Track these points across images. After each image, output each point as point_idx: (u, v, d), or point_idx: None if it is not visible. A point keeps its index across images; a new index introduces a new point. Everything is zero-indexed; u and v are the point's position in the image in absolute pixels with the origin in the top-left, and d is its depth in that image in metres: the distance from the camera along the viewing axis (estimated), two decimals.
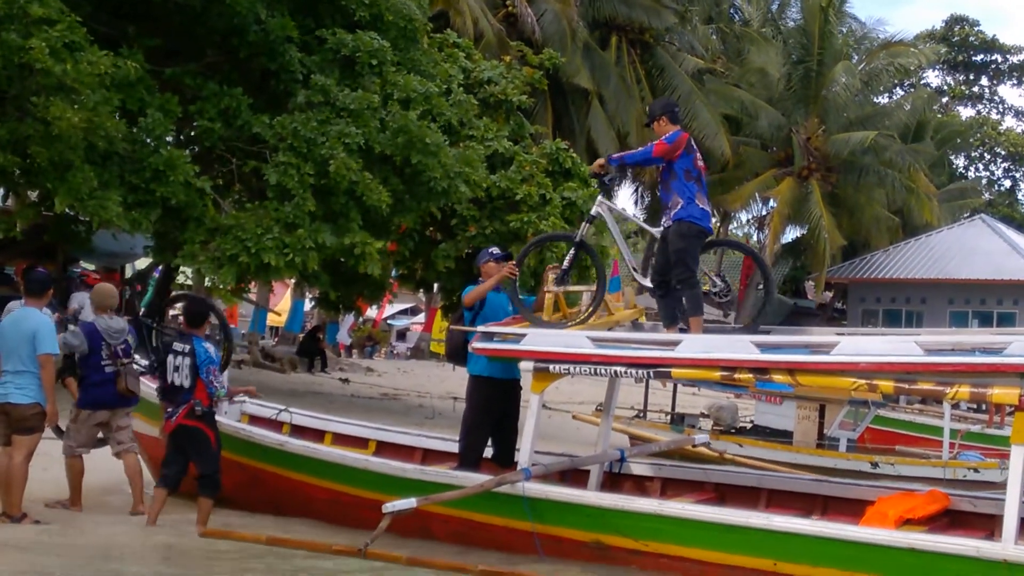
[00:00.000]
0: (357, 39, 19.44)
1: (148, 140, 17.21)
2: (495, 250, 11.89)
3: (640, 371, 10.03)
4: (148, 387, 12.10)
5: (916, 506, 9.93)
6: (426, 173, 18.93)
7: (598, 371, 10.13)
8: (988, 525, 9.94)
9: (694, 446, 15.46)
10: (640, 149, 10.84)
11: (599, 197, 11.58)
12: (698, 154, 10.84)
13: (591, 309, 11.01)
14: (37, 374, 10.48)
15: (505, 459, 11.18)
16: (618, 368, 10.04)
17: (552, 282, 11.29)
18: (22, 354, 10.44)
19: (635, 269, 11.40)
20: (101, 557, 9.70)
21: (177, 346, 10.90)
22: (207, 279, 18.47)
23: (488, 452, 11.52)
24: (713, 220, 11.50)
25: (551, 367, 10.26)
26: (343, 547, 9.90)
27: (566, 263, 11.29)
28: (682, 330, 10.64)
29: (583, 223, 11.50)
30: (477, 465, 11.29)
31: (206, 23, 18.54)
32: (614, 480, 11.68)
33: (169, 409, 10.81)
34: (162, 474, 10.89)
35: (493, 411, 11.45)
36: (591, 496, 10.40)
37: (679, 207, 10.57)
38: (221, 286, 17.68)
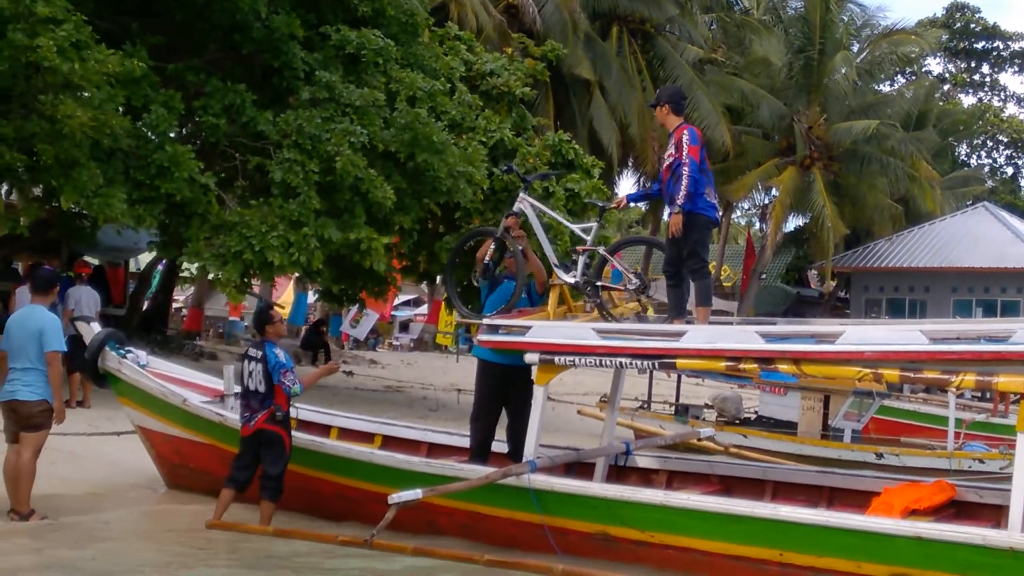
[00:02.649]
0: (362, 36, 19.44)
1: (152, 136, 17.21)
2: None
3: (645, 362, 10.06)
4: (158, 383, 12.16)
5: (922, 497, 9.97)
6: (430, 172, 18.95)
7: (603, 362, 10.17)
8: (994, 516, 9.97)
9: (699, 439, 15.45)
10: (686, 172, 10.41)
11: (521, 193, 11.61)
12: (705, 147, 10.91)
13: (512, 301, 11.21)
14: (44, 371, 10.51)
15: (519, 455, 11.15)
16: (623, 359, 10.07)
17: (479, 276, 11.49)
18: (29, 352, 10.47)
19: (556, 265, 11.31)
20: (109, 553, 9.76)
21: (251, 352, 11.10)
22: (211, 275, 18.46)
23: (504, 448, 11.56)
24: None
25: (556, 359, 10.30)
26: (349, 538, 9.98)
27: (487, 258, 11.43)
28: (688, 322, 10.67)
29: (504, 217, 11.59)
30: (484, 452, 11.36)
31: (208, 19, 18.52)
32: (619, 473, 11.71)
33: (246, 414, 10.92)
34: (232, 476, 10.96)
35: (497, 397, 11.54)
36: (597, 487, 10.42)
37: (688, 199, 10.56)
38: (226, 283, 17.65)
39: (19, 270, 25.04)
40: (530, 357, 10.44)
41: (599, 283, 11.16)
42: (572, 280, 11.09)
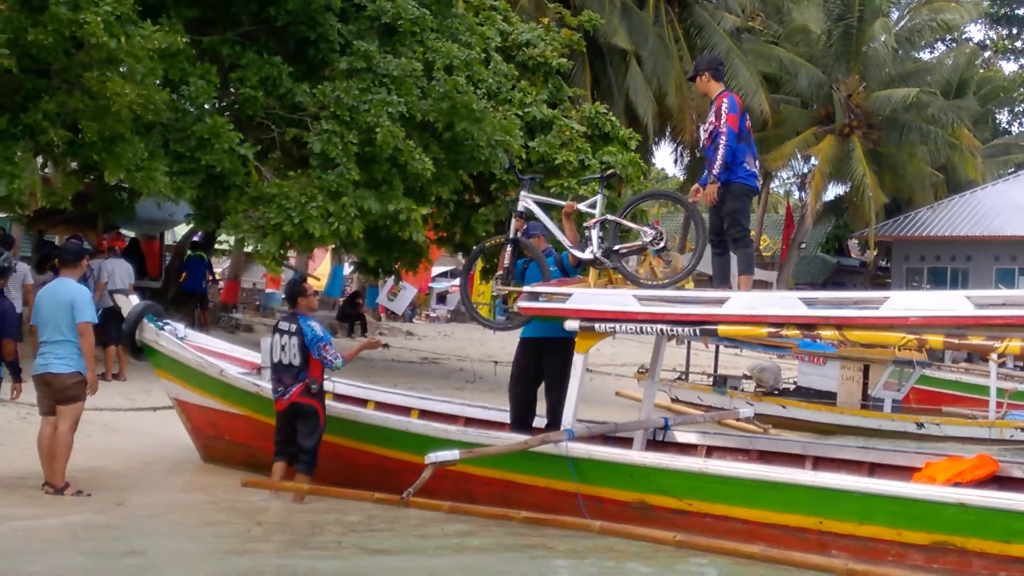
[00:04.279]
0: (397, 6, 19.36)
1: (191, 108, 17.20)
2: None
3: (686, 329, 9.95)
4: (195, 355, 12.15)
5: (964, 471, 9.87)
6: (468, 141, 18.88)
7: (644, 329, 10.07)
8: None
9: (738, 419, 15.35)
10: (723, 142, 10.43)
11: (522, 192, 11.61)
12: (747, 114, 10.80)
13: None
14: (76, 343, 10.52)
15: (556, 426, 11.10)
16: (664, 326, 9.97)
17: (497, 283, 11.53)
18: (60, 324, 10.49)
19: (571, 247, 11.29)
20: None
21: (283, 325, 11.13)
22: (249, 247, 18.45)
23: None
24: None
25: (597, 326, 10.23)
26: (385, 496, 9.97)
27: (506, 261, 11.46)
28: None
29: (511, 219, 11.59)
30: (520, 423, 11.33)
31: None
32: (658, 447, 11.62)
33: (280, 388, 10.95)
34: (280, 449, 11.04)
35: (525, 370, 11.54)
36: (635, 456, 10.38)
37: (727, 168, 10.48)
38: (265, 254, 17.63)
39: (55, 242, 25.12)
40: (570, 324, 10.38)
41: (617, 248, 11.04)
42: (590, 256, 11.03)
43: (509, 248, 11.45)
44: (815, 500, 9.19)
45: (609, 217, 11.28)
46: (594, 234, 11.08)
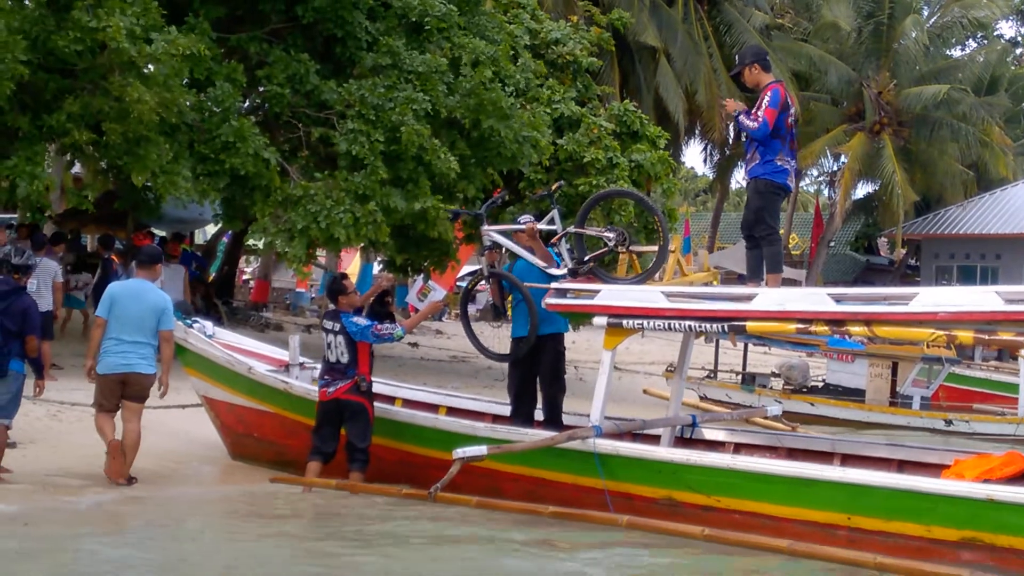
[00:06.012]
0: (424, 3, 19.38)
1: (217, 110, 17.27)
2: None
3: (715, 325, 9.93)
4: (223, 352, 12.20)
5: (993, 468, 9.78)
6: (495, 138, 18.89)
7: (672, 325, 10.05)
8: None
9: (766, 417, 15.30)
10: (757, 126, 10.37)
11: (483, 227, 11.79)
12: (793, 110, 10.64)
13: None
14: (155, 347, 10.94)
15: (553, 422, 11.32)
16: (692, 322, 9.95)
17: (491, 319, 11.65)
18: (146, 327, 10.86)
19: (545, 267, 11.29)
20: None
21: (327, 324, 11.23)
22: (277, 248, 18.48)
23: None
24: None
25: (625, 322, 10.21)
26: (412, 491, 10.00)
27: (491, 297, 11.77)
28: None
29: (482, 256, 11.80)
30: (519, 419, 11.43)
31: None
32: (685, 444, 11.58)
33: (326, 377, 11.05)
34: (317, 448, 11.07)
35: (518, 367, 11.62)
36: (663, 452, 10.34)
37: (756, 162, 10.45)
38: (292, 257, 17.66)
39: (87, 244, 25.23)
40: (598, 320, 10.38)
41: (587, 257, 11.03)
42: (565, 271, 11.06)
43: (491, 284, 11.64)
44: (844, 496, 9.14)
45: (570, 230, 11.35)
46: (563, 249, 11.21)
